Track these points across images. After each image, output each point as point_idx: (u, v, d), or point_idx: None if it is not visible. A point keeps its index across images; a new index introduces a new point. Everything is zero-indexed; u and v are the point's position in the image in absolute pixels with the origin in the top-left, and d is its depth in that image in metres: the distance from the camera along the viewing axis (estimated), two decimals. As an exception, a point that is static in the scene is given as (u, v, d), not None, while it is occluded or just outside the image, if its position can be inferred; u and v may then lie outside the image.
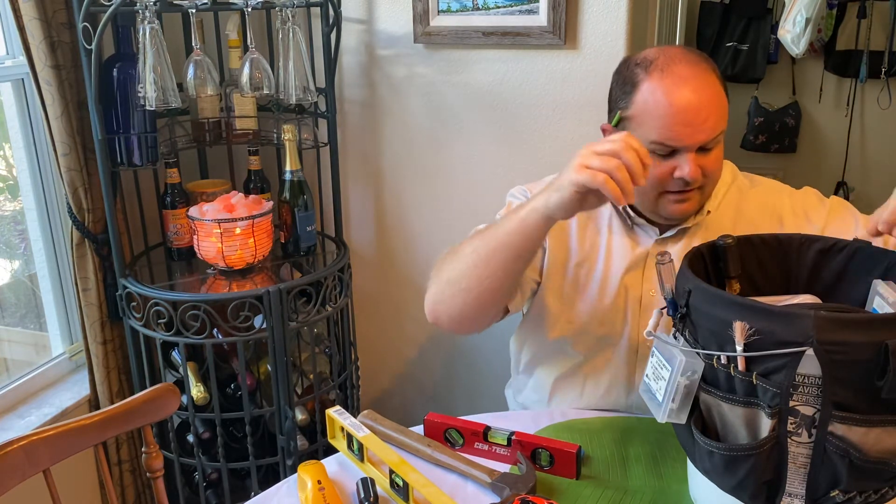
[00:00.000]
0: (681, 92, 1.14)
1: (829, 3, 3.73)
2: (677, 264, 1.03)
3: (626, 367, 1.31)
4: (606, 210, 1.32)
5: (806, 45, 3.40)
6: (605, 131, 1.28)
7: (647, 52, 1.22)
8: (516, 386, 1.55)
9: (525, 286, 1.32)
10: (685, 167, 1.16)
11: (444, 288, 1.23)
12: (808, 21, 3.32)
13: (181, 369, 1.75)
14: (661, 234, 1.28)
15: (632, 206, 1.28)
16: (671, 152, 1.17)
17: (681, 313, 0.94)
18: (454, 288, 1.21)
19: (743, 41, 3.91)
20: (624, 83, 1.22)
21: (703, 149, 1.17)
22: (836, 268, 1.03)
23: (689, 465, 1.00)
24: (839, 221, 1.24)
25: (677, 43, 3.42)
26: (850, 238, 1.14)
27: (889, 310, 0.91)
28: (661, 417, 0.93)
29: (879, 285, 0.94)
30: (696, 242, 1.19)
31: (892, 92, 3.85)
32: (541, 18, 1.75)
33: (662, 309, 0.98)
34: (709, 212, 1.27)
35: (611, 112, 1.27)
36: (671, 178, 1.18)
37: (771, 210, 1.28)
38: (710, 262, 1.03)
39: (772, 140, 4.00)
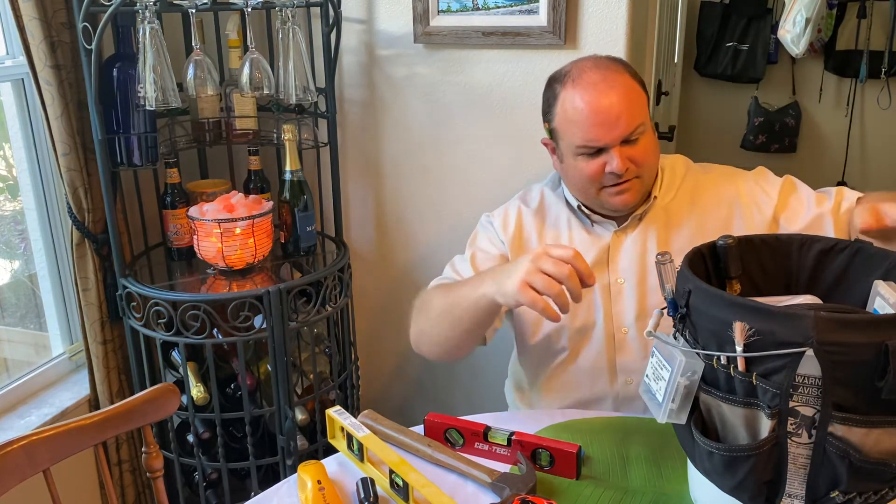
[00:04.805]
0: (591, 96, 1.26)
1: (829, 3, 3.74)
2: (636, 247, 1.09)
3: (606, 355, 1.35)
4: (564, 212, 1.42)
5: (806, 45, 3.40)
6: (546, 145, 1.40)
7: (563, 67, 1.34)
8: (509, 383, 1.59)
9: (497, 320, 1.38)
10: (613, 161, 1.26)
11: (420, 333, 1.36)
12: (808, 21, 3.32)
13: (181, 369, 1.75)
14: (618, 225, 1.37)
15: (587, 206, 1.38)
16: (598, 150, 1.28)
17: (681, 313, 0.94)
18: (429, 337, 1.34)
19: (743, 41, 3.92)
20: (547, 99, 1.35)
21: (627, 141, 1.27)
22: (837, 268, 1.03)
23: (690, 465, 1.00)
24: (793, 199, 1.34)
25: (677, 43, 3.43)
26: (806, 214, 1.30)
27: (890, 310, 0.91)
28: (661, 418, 0.93)
29: (880, 286, 0.94)
30: (654, 229, 1.34)
31: (892, 92, 3.85)
32: (541, 18, 1.74)
33: (663, 309, 0.98)
34: (655, 197, 1.35)
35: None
36: (603, 173, 1.28)
37: (726, 194, 1.36)
38: (711, 262, 1.03)
39: (772, 140, 4.00)
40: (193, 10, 1.55)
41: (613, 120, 1.25)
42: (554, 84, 1.33)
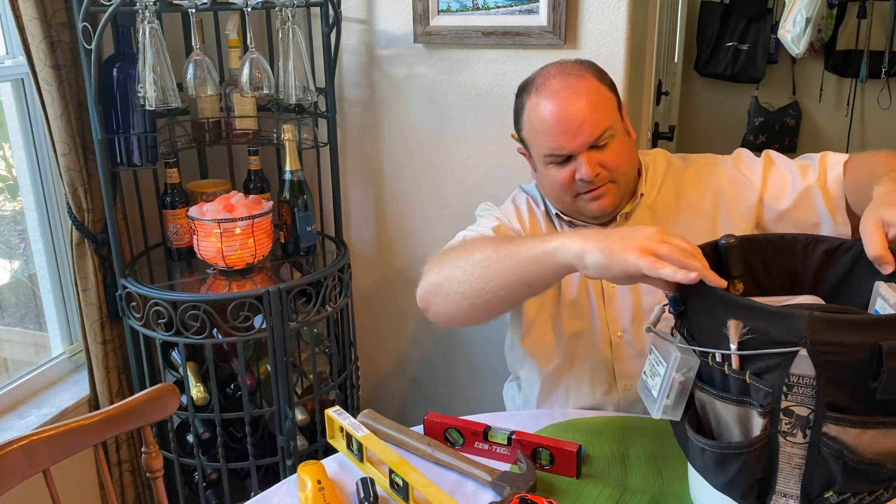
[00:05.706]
0: (553, 104, 1.24)
1: (829, 3, 3.74)
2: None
3: (604, 361, 1.33)
4: (555, 217, 1.38)
5: (806, 45, 3.41)
6: (523, 155, 1.37)
7: (530, 75, 1.32)
8: (508, 387, 1.58)
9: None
10: (581, 168, 1.24)
11: (442, 283, 1.18)
12: (808, 21, 3.33)
13: (181, 369, 1.75)
14: (607, 227, 1.32)
15: (566, 215, 1.36)
16: (566, 158, 1.25)
17: (679, 310, 0.94)
18: (452, 287, 1.16)
19: (743, 41, 3.92)
20: (516, 109, 1.33)
21: (596, 147, 1.24)
22: (842, 268, 1.02)
23: (690, 465, 1.00)
24: (775, 177, 1.32)
25: (677, 43, 3.43)
26: (792, 190, 1.29)
27: (890, 311, 0.91)
28: (656, 413, 0.93)
29: (881, 287, 0.94)
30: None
31: (892, 92, 3.85)
32: (541, 18, 1.75)
33: (664, 305, 0.98)
34: (642, 194, 1.33)
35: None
36: (574, 180, 1.26)
37: (709, 185, 1.34)
38: (713, 261, 1.03)
39: (772, 140, 4.00)
40: (193, 10, 1.56)
41: (577, 127, 1.22)
42: (521, 94, 1.31)
